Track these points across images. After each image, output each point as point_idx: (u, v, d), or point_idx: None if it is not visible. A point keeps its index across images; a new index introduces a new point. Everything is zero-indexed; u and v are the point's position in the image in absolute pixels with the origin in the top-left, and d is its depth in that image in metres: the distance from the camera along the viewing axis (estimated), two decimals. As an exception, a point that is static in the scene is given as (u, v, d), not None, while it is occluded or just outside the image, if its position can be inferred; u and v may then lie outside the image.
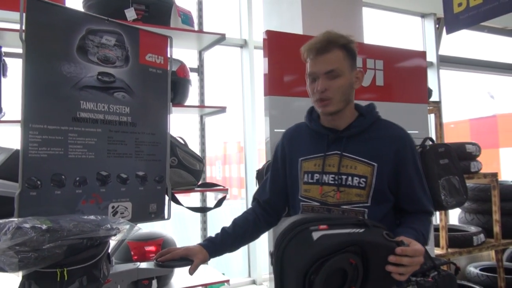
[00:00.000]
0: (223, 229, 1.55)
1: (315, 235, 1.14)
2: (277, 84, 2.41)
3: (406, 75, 2.84)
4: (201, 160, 2.53)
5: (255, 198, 1.68)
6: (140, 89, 1.60)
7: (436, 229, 3.38)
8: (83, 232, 1.16)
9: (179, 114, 2.78)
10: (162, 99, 1.69)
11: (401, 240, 1.18)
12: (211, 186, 2.61)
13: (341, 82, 1.40)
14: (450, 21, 2.56)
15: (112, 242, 1.63)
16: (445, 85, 4.61)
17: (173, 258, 1.43)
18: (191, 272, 1.40)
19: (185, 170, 2.42)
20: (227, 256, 1.60)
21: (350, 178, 1.42)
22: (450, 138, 5.80)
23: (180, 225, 4.05)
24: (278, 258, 1.17)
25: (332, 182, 1.44)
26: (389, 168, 1.42)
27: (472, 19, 2.39)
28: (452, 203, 2.55)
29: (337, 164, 1.44)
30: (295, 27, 2.99)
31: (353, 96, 1.49)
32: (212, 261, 2.12)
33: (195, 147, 2.83)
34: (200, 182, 2.57)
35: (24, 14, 1.29)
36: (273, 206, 1.61)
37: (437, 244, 3.35)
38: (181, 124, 3.13)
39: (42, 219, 1.14)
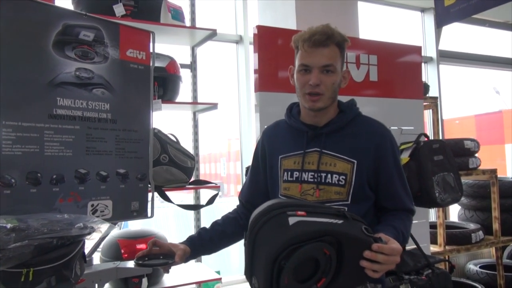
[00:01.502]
0: (202, 228, 1.52)
1: (292, 220, 1.11)
2: (268, 80, 2.37)
3: (401, 70, 2.80)
4: (192, 158, 2.50)
5: (239, 199, 1.65)
6: (121, 85, 1.58)
7: (434, 226, 3.33)
8: (53, 231, 1.13)
9: (171, 110, 2.76)
10: (145, 95, 1.66)
11: (379, 237, 1.15)
12: (202, 183, 2.59)
13: (334, 78, 1.37)
14: (441, 14, 2.51)
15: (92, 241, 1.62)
16: (449, 81, 4.55)
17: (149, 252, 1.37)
18: (166, 271, 1.38)
19: (176, 168, 2.40)
20: (224, 253, 1.56)
21: (329, 175, 1.39)
22: (454, 134, 5.75)
23: (183, 222, 4.03)
24: (251, 240, 1.14)
25: (312, 180, 1.41)
26: (369, 164, 1.39)
27: (462, 12, 2.34)
28: (447, 200, 2.51)
29: (317, 162, 1.40)
30: (289, 22, 2.95)
31: (337, 95, 1.46)
32: (209, 258, 2.09)
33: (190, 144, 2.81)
34: (192, 179, 2.55)
35: (-4, 9, 1.26)
36: (255, 206, 1.58)
37: (434, 242, 3.30)
38: (175, 121, 3.11)
39: (9, 218, 1.12)
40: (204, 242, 1.48)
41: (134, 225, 2.78)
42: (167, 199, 2.32)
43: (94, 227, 1.28)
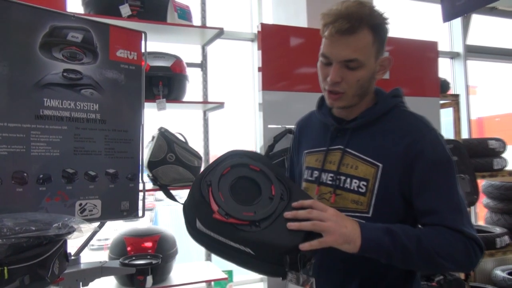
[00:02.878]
0: None
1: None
2: (272, 78, 2.34)
3: (414, 67, 2.70)
4: (199, 157, 2.51)
5: None
6: (111, 85, 1.59)
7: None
8: (27, 231, 1.15)
9: (181, 110, 2.77)
10: (136, 95, 1.67)
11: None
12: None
13: (361, 74, 1.11)
14: (446, 8, 2.38)
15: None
16: (489, 77, 4.33)
17: None
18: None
19: (183, 167, 2.42)
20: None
21: (348, 179, 1.17)
22: (494, 132, 5.48)
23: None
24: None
25: (330, 182, 1.21)
26: (399, 169, 1.12)
27: (468, 6, 2.20)
28: (462, 203, 2.39)
29: (338, 162, 1.20)
30: (300, 19, 2.90)
31: (372, 87, 1.21)
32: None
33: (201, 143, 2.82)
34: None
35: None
36: None
37: (456, 246, 3.16)
38: (187, 120, 3.12)
39: (-15, 217, 1.15)
40: None
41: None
42: (172, 198, 2.33)
43: (74, 227, 1.29)
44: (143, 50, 1.70)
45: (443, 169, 1.10)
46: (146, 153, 2.39)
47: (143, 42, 1.70)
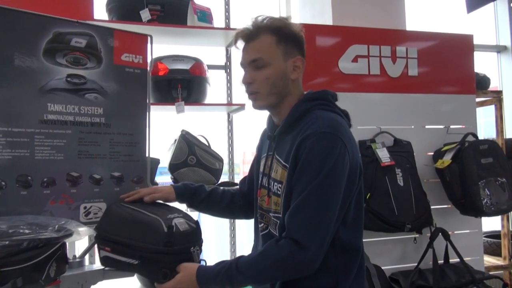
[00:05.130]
0: (203, 185, 1.55)
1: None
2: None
3: (447, 63, 2.52)
4: (221, 159, 2.50)
5: (239, 185, 1.63)
6: (116, 89, 1.59)
7: (497, 236, 2.96)
8: (21, 234, 1.17)
9: (200, 112, 2.76)
10: (141, 99, 1.67)
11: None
12: (231, 185, 2.56)
13: (267, 72, 1.23)
14: None
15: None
16: None
17: (139, 198, 1.44)
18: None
19: (204, 169, 2.42)
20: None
21: (273, 183, 1.28)
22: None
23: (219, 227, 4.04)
24: None
25: (266, 185, 1.33)
26: (292, 167, 1.19)
27: None
28: (497, 208, 2.21)
29: (269, 166, 1.31)
30: (325, 17, 2.81)
31: (294, 88, 1.28)
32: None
33: (224, 145, 2.80)
34: (224, 181, 2.54)
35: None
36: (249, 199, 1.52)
37: (498, 254, 2.94)
38: (212, 122, 3.11)
39: (-19, 220, 1.18)
40: (194, 199, 1.51)
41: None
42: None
43: (72, 230, 1.31)
44: (149, 54, 1.70)
45: (308, 172, 1.13)
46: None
47: (149, 45, 1.69)
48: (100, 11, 2.40)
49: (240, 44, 1.29)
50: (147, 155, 1.68)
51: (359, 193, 1.23)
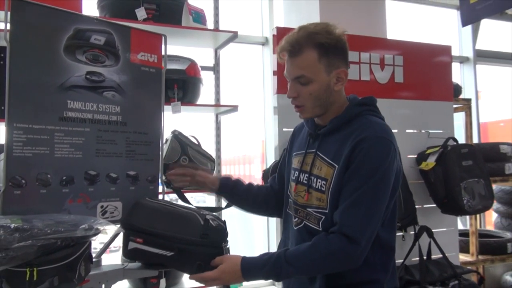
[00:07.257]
0: (239, 179, 1.61)
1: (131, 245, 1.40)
2: (287, 82, 2.34)
3: (428, 71, 2.70)
4: (212, 160, 2.51)
5: (269, 182, 1.68)
6: (132, 88, 1.59)
7: (466, 234, 3.18)
8: (56, 232, 1.15)
9: (194, 113, 2.77)
10: (156, 98, 1.67)
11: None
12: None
13: (312, 88, 1.28)
14: (466, 12, 2.38)
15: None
16: (494, 81, 4.31)
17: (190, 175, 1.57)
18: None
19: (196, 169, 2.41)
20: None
21: (315, 179, 1.33)
22: (499, 137, 5.45)
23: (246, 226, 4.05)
24: None
25: (305, 182, 1.37)
26: (343, 168, 1.25)
27: (489, 9, 2.20)
28: (476, 207, 2.39)
29: (310, 164, 1.36)
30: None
31: (338, 97, 1.35)
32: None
33: (211, 146, 2.81)
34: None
35: (8, 14, 1.30)
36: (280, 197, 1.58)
37: (466, 251, 3.15)
38: (200, 123, 3.12)
39: (15, 218, 1.15)
40: (236, 191, 1.57)
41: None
42: (185, 200, 2.33)
43: (100, 229, 1.30)
44: (163, 53, 1.70)
45: (363, 173, 1.21)
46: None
47: (163, 45, 1.70)
48: (88, 7, 2.34)
49: (286, 56, 1.31)
50: (160, 154, 1.68)
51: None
